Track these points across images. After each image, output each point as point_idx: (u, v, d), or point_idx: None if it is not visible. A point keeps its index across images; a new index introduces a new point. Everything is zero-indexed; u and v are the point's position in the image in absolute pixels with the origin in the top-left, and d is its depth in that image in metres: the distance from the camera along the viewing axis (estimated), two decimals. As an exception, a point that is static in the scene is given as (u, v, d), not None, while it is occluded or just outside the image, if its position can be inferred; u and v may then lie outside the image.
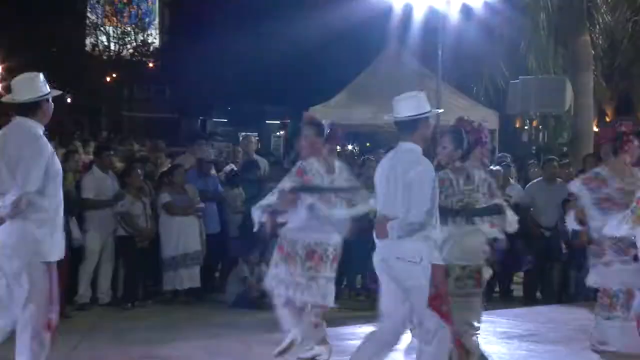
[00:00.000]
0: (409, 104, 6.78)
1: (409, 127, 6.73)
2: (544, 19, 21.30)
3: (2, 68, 42.18)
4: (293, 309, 8.23)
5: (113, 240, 12.61)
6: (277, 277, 8.25)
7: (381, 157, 8.19)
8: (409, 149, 6.70)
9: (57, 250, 6.89)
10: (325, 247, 8.12)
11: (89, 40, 48.56)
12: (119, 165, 14.07)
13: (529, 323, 10.78)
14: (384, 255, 6.59)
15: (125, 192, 12.57)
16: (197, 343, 9.80)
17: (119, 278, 12.65)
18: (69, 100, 45.87)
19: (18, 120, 6.93)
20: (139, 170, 12.93)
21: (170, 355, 9.09)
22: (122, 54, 48.26)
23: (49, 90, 7.07)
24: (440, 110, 7.38)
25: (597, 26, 21.90)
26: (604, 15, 21.78)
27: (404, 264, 6.48)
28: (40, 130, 6.92)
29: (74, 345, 9.62)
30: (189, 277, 13.16)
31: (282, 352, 8.26)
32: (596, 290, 11.80)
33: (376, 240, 6.68)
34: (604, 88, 25.02)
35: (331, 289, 8.24)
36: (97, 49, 48.12)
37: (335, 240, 8.17)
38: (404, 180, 6.50)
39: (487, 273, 7.96)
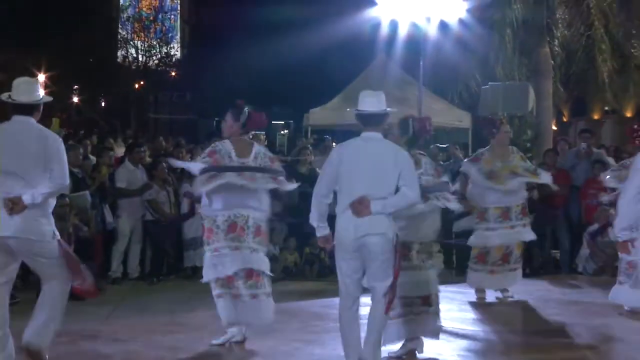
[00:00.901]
0: (379, 100, 6.68)
1: (379, 119, 6.66)
2: (510, 34, 21.29)
3: (46, 77, 42.16)
4: (228, 298, 7.80)
5: (141, 224, 12.63)
6: (209, 266, 7.86)
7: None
8: (379, 137, 6.63)
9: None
10: (245, 219, 7.75)
11: (120, 53, 48.49)
12: (148, 159, 14.06)
13: (497, 292, 10.79)
14: (366, 231, 6.32)
15: (152, 183, 12.59)
16: (213, 312, 9.78)
17: (146, 256, 12.66)
18: (103, 104, 45.89)
19: (23, 118, 6.74)
20: (164, 164, 12.95)
21: (190, 322, 9.10)
22: (148, 65, 48.15)
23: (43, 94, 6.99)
24: (395, 110, 7.17)
25: (556, 40, 21.88)
26: (562, 31, 21.77)
27: (383, 239, 6.34)
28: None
29: (107, 313, 9.65)
30: (207, 255, 13.18)
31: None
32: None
33: (348, 217, 6.39)
34: (561, 93, 24.97)
35: (258, 258, 7.84)
36: (127, 60, 48.04)
37: (256, 214, 7.79)
38: (396, 165, 6.40)
39: (436, 248, 7.88)
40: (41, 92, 6.97)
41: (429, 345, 7.53)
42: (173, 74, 49.57)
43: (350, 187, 6.41)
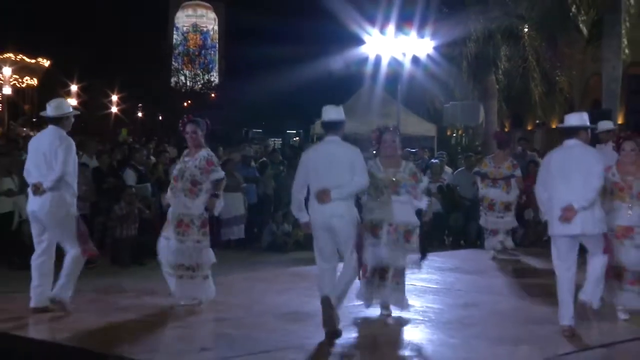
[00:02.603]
0: (338, 112, 6.50)
1: (339, 126, 6.45)
2: (465, 65, 21.23)
3: (118, 97, 42.24)
4: (172, 277, 7.25)
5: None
6: (162, 247, 7.31)
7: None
8: (338, 140, 6.40)
9: (76, 210, 7.07)
10: (191, 217, 7.19)
11: (172, 79, 48.46)
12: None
13: (455, 260, 10.78)
14: (329, 214, 6.16)
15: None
16: (243, 275, 9.82)
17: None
18: (160, 118, 45.92)
19: (49, 127, 7.03)
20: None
21: (225, 281, 9.02)
22: (194, 88, 48.13)
23: (71, 110, 7.19)
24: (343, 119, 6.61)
25: (500, 70, 21.85)
26: (504, 63, 21.78)
27: (343, 220, 6.18)
28: (65, 134, 7.02)
29: (160, 277, 9.62)
30: (238, 231, 13.18)
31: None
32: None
33: (316, 204, 6.22)
34: (504, 109, 24.87)
35: (198, 248, 7.20)
36: (177, 85, 48.01)
37: (194, 210, 7.20)
38: (348, 160, 6.21)
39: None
40: (67, 109, 7.15)
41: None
42: (213, 95, 49.56)
43: (316, 180, 6.27)
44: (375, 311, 7.08)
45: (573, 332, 6.25)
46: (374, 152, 7.39)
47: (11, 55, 35.95)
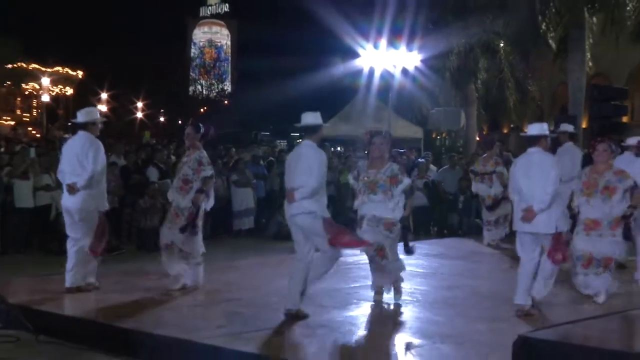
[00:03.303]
0: (315, 117, 6.29)
1: (313, 131, 6.24)
2: (448, 76, 21.29)
3: (143, 104, 42.20)
4: (172, 256, 7.20)
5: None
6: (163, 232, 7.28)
7: (356, 156, 7.62)
8: (310, 144, 6.18)
9: (105, 205, 7.10)
10: (180, 208, 7.16)
11: (190, 88, 48.48)
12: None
13: (440, 247, 10.76)
14: (293, 212, 6.04)
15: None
16: (252, 260, 9.80)
17: (207, 223, 12.57)
18: (179, 122, 45.97)
19: (79, 132, 7.07)
20: (219, 162, 12.86)
21: (238, 265, 9.10)
22: (209, 96, 48.13)
23: (98, 117, 7.22)
24: (328, 125, 6.79)
25: (479, 80, 21.87)
26: (482, 74, 21.78)
27: (306, 216, 5.99)
28: (95, 138, 7.03)
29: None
30: (248, 222, 13.16)
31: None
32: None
33: (286, 203, 6.13)
34: (482, 115, 24.92)
35: (185, 236, 7.14)
36: (195, 93, 48.03)
37: (184, 204, 7.14)
38: (307, 163, 6.01)
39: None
40: (95, 115, 7.17)
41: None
42: (226, 102, 49.55)
43: (287, 180, 6.22)
44: (368, 293, 7.05)
45: (526, 312, 6.21)
46: (366, 152, 7.30)
47: (59, 68, 36.88)
